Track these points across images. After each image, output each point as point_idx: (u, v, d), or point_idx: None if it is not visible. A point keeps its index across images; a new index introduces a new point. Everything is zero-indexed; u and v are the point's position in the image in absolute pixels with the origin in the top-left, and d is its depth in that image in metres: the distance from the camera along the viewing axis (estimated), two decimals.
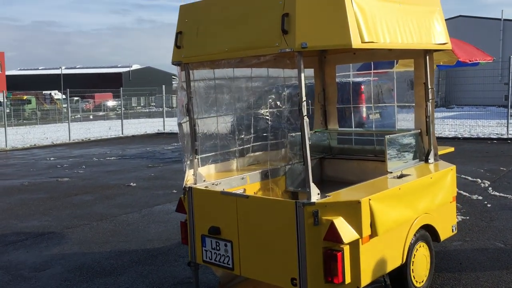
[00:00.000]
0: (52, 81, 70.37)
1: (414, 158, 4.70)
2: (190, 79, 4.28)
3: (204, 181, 4.37)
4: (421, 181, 4.17)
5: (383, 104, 10.22)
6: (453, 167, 4.61)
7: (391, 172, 4.29)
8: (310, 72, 5.65)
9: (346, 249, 3.46)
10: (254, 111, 5.32)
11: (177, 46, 4.14)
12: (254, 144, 5.30)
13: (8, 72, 69.45)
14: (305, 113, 3.46)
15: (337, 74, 5.66)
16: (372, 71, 7.20)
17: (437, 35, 4.29)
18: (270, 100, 5.53)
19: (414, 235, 4.07)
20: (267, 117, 5.49)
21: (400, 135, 4.63)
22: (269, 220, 3.70)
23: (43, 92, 55.47)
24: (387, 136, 4.37)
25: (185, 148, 4.34)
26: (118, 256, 5.75)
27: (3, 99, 22.96)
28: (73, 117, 45.18)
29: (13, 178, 11.90)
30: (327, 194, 3.63)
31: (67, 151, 17.84)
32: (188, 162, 4.34)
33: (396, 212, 3.81)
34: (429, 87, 4.63)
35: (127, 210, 7.93)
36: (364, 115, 10.70)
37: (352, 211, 3.49)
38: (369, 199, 3.54)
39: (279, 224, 3.63)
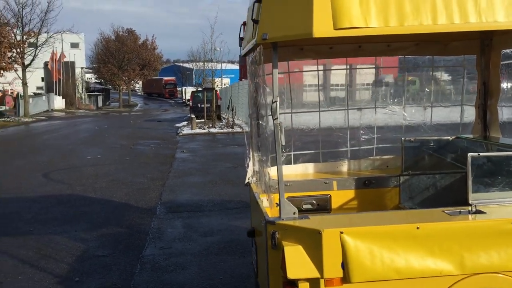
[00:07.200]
0: None
1: None
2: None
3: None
4: (483, 225, 2.80)
5: None
6: None
7: (470, 205, 3.03)
8: None
9: (304, 287, 2.80)
10: (379, 105, 4.51)
11: None
12: (379, 146, 4.53)
13: None
14: (277, 115, 2.94)
15: None
16: None
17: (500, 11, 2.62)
18: (407, 95, 4.55)
19: None
20: (403, 114, 4.56)
21: (504, 155, 3.16)
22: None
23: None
24: (471, 154, 3.06)
25: (251, 143, 4.20)
26: None
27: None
28: None
29: None
30: (309, 215, 2.98)
31: None
32: (252, 158, 4.19)
33: (406, 259, 2.74)
34: None
35: None
36: None
37: (312, 242, 2.77)
38: (341, 232, 2.72)
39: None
